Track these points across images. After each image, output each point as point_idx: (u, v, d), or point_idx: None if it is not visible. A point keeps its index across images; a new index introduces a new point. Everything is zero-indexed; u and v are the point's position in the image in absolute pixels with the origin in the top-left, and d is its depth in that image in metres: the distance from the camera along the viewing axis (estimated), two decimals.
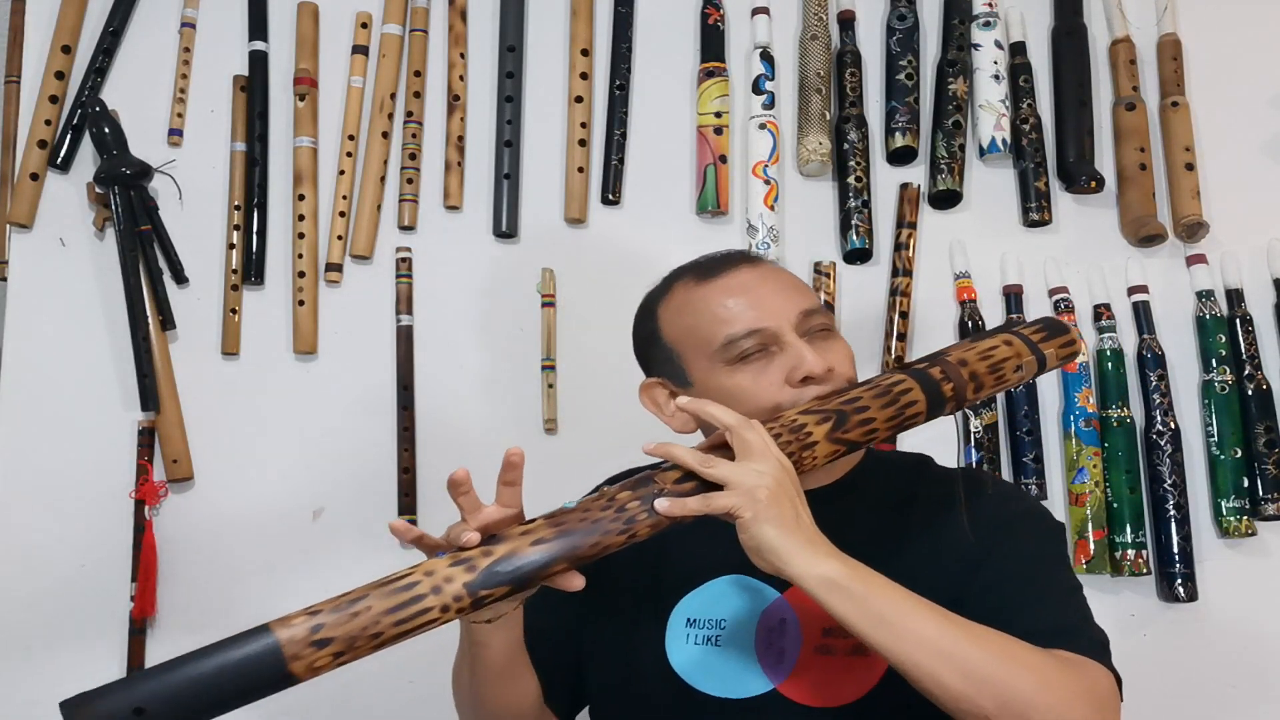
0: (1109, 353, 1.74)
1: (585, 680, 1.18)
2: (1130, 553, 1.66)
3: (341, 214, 1.73)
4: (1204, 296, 1.77)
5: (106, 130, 1.67)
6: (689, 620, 1.10)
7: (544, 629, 1.13)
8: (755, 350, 1.07)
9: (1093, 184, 1.79)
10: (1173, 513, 1.68)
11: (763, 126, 1.77)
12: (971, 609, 0.95)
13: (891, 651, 0.90)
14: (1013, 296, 1.76)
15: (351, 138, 1.76)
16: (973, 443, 1.69)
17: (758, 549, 0.92)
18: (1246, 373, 1.74)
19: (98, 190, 1.69)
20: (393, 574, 0.87)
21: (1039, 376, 1.11)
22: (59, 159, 1.72)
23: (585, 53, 1.80)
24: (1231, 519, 1.69)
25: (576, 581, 0.92)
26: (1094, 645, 1.00)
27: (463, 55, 1.80)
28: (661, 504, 0.92)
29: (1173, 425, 1.71)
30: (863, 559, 0.94)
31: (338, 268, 1.72)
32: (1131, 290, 1.78)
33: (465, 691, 1.12)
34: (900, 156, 1.80)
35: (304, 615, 0.84)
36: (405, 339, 1.71)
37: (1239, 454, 1.71)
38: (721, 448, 0.98)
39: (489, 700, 1.11)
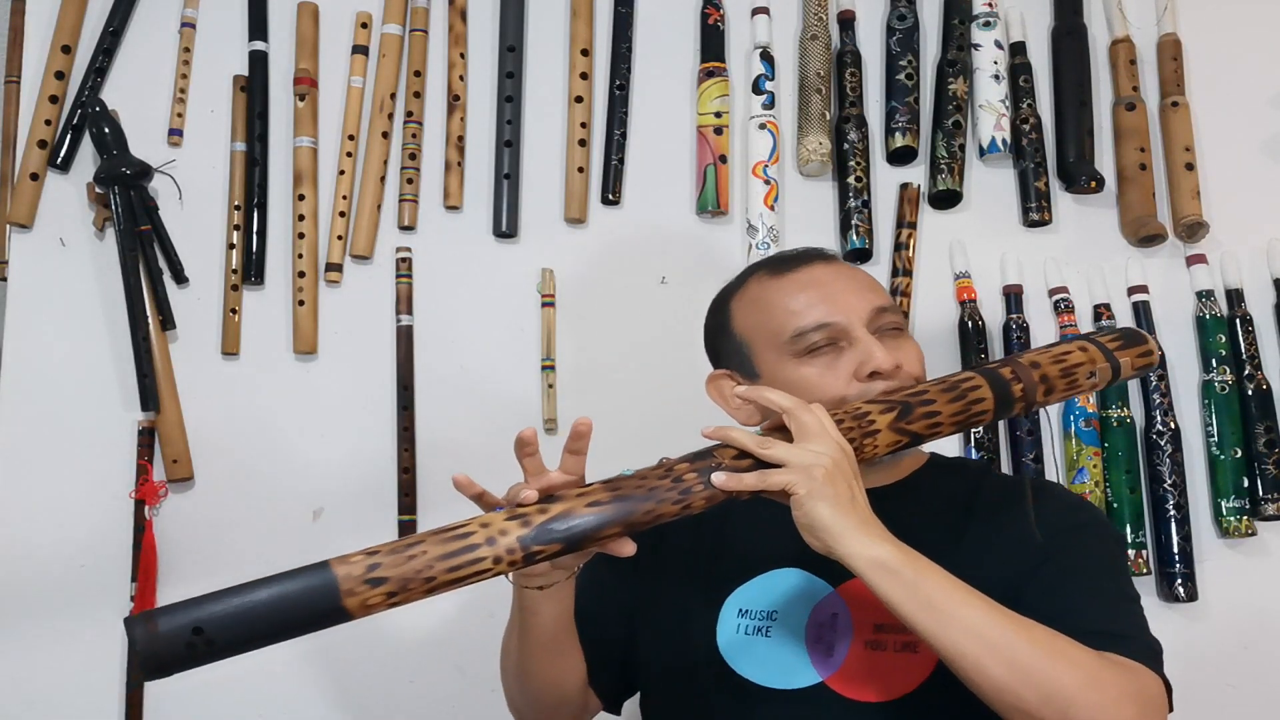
0: None
1: (634, 665, 1.19)
2: (1130, 553, 1.66)
3: (341, 214, 1.73)
4: (1204, 296, 1.77)
5: (106, 130, 1.67)
6: (741, 610, 1.11)
7: (594, 611, 1.15)
8: (824, 344, 1.09)
9: (1093, 184, 1.79)
10: (1173, 513, 1.68)
11: (763, 126, 1.77)
12: (1027, 607, 0.95)
13: (937, 638, 0.90)
14: (1013, 296, 1.76)
15: (351, 138, 1.76)
16: (973, 443, 1.69)
17: (811, 526, 0.92)
18: (1246, 373, 1.74)
19: (98, 190, 1.69)
20: (451, 524, 0.89)
21: (1114, 384, 1.11)
22: (59, 159, 1.72)
23: (585, 53, 1.80)
24: (1231, 519, 1.69)
25: (628, 548, 0.93)
26: (1147, 652, 0.99)
27: (463, 55, 1.80)
28: (718, 477, 0.92)
29: (1173, 425, 1.71)
30: (917, 549, 0.94)
31: (338, 268, 1.72)
32: (1131, 290, 1.78)
33: (513, 662, 1.14)
34: (900, 156, 1.80)
35: (362, 555, 0.86)
36: (405, 339, 1.71)
37: (1239, 454, 1.71)
38: (780, 430, 0.98)
39: (535, 673, 1.12)
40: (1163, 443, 1.70)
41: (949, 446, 1.72)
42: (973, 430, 1.69)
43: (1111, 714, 0.89)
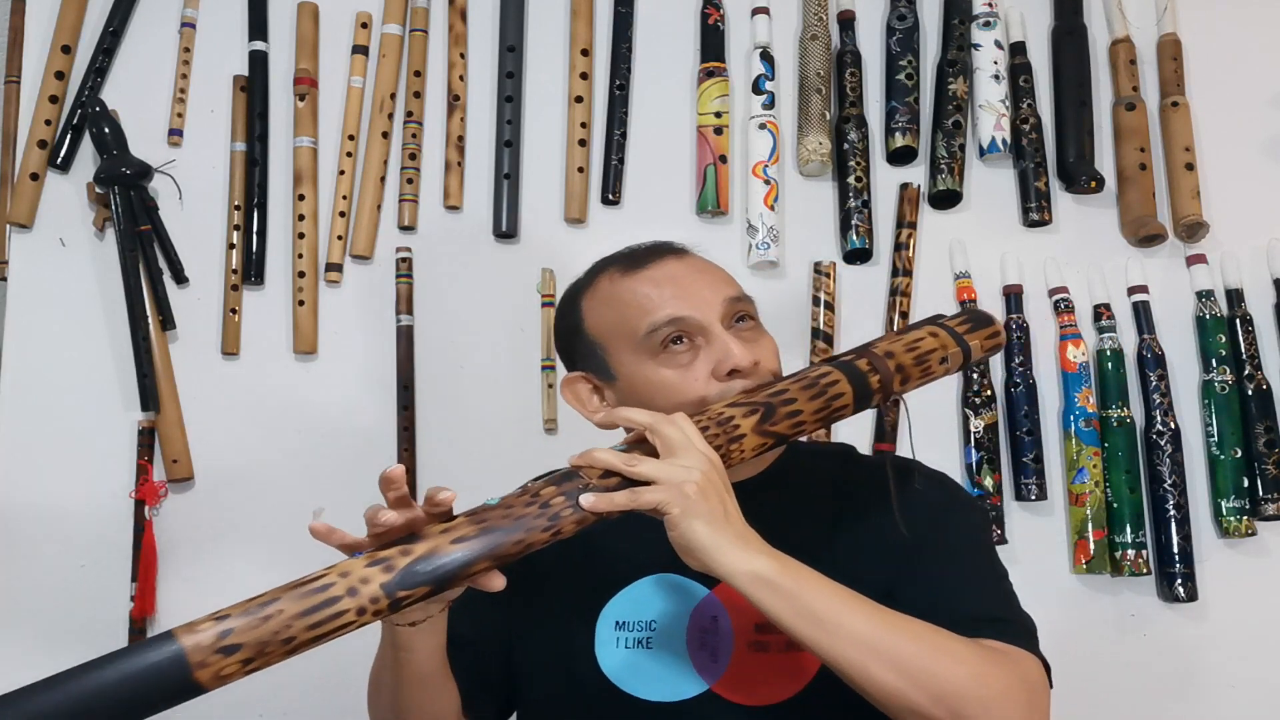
0: (1109, 353, 1.74)
1: (513, 691, 1.15)
2: (1130, 553, 1.66)
3: (341, 214, 1.73)
4: (1204, 296, 1.77)
5: (106, 130, 1.67)
6: (618, 623, 1.08)
7: (468, 637, 1.10)
8: (678, 338, 1.06)
9: (1093, 184, 1.79)
10: (1173, 513, 1.68)
11: (763, 126, 1.77)
12: (902, 598, 0.95)
13: (823, 648, 0.89)
14: (1013, 296, 1.76)
15: (351, 138, 1.76)
16: (973, 443, 1.69)
17: (687, 547, 0.90)
18: (1246, 373, 1.74)
19: (98, 190, 1.69)
20: (307, 575, 0.83)
21: (964, 369, 1.10)
22: (59, 159, 1.72)
23: (585, 53, 1.80)
24: (1231, 519, 1.69)
25: (498, 582, 0.89)
26: (1023, 633, 1.00)
27: (463, 55, 1.80)
28: (587, 500, 0.89)
29: (1173, 425, 1.71)
30: (793, 551, 0.93)
31: (338, 268, 1.72)
32: (1131, 290, 1.78)
33: (385, 700, 1.08)
34: (900, 156, 1.80)
35: (211, 620, 0.79)
36: (405, 339, 1.71)
37: (1239, 454, 1.71)
38: (644, 442, 0.95)
39: (408, 709, 1.06)
40: (1163, 443, 1.70)
41: (947, 447, 1.72)
42: (972, 431, 1.69)
43: (1000, 705, 0.90)
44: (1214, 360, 1.74)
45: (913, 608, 0.94)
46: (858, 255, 1.76)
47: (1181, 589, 1.66)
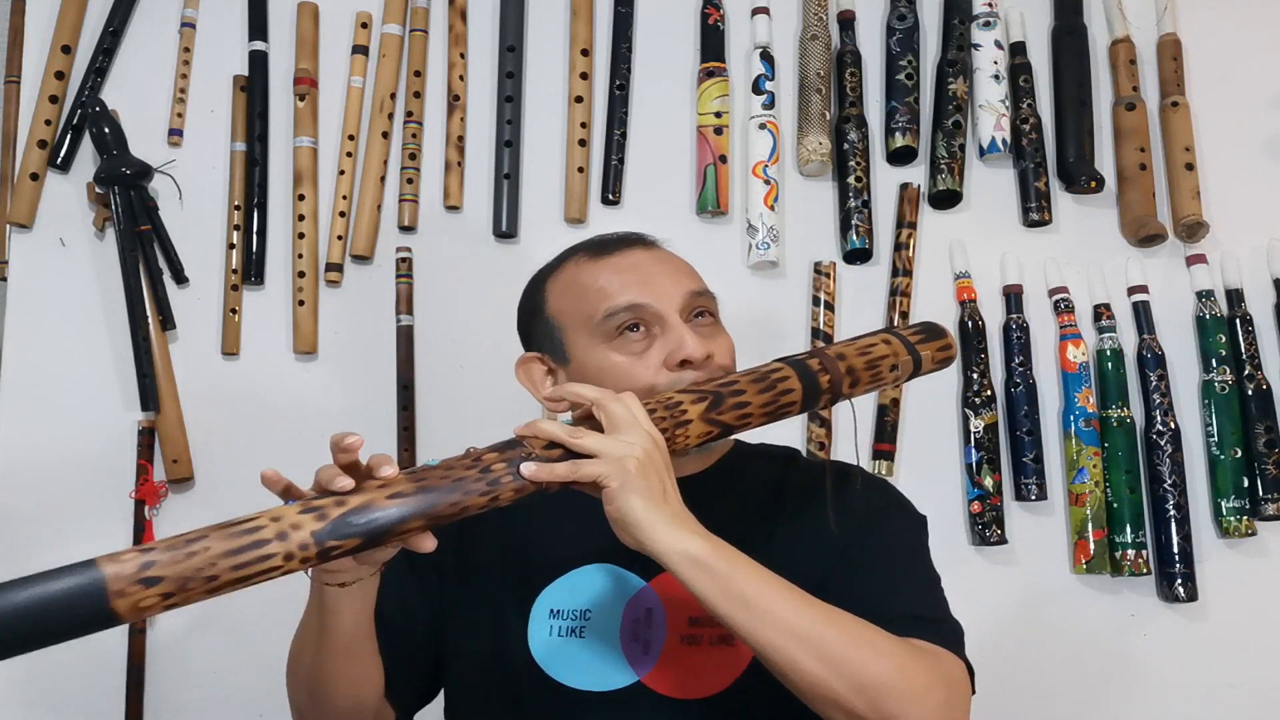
0: (1109, 353, 1.74)
1: (441, 674, 1.15)
2: (1130, 553, 1.66)
3: (341, 214, 1.73)
4: (1204, 296, 1.77)
5: (106, 130, 1.67)
6: (552, 611, 1.08)
7: (396, 616, 1.09)
8: (633, 325, 1.06)
9: (1093, 184, 1.79)
10: (1173, 513, 1.68)
11: (763, 126, 1.77)
12: (833, 595, 0.95)
13: (749, 632, 0.89)
14: (1013, 296, 1.76)
15: (351, 138, 1.75)
16: (973, 443, 1.69)
17: (622, 521, 0.90)
18: (1246, 373, 1.74)
19: (98, 190, 1.69)
20: (238, 518, 0.82)
21: (914, 378, 1.11)
22: (59, 159, 1.72)
23: (585, 53, 1.80)
24: (1231, 519, 1.69)
25: (428, 543, 0.88)
26: (950, 636, 1.00)
27: (463, 55, 1.80)
28: (528, 468, 0.89)
29: (1173, 425, 1.71)
30: (730, 542, 0.93)
31: (338, 268, 1.72)
32: (1131, 290, 1.78)
33: (305, 666, 1.06)
34: (900, 156, 1.80)
35: (136, 551, 0.78)
36: (405, 339, 1.71)
37: (1239, 454, 1.71)
38: (590, 419, 0.96)
39: (330, 679, 1.05)
40: (1163, 443, 1.70)
41: (947, 447, 1.72)
42: (972, 431, 1.69)
43: (921, 701, 0.90)
44: (1214, 360, 1.74)
45: (843, 603, 0.94)
46: (858, 255, 1.76)
47: (1181, 589, 1.66)
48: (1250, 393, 1.73)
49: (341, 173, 1.75)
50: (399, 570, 0.98)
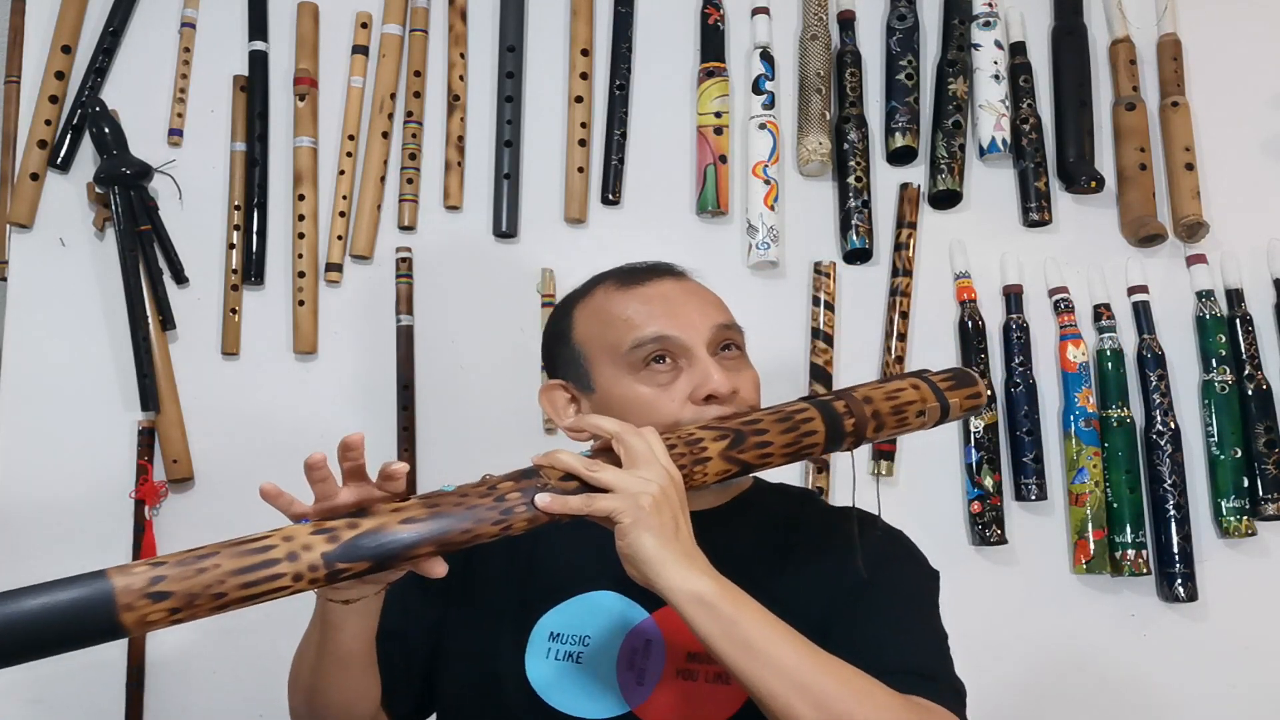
0: (1109, 353, 1.74)
1: (435, 689, 1.14)
2: (1130, 553, 1.66)
3: (341, 214, 1.73)
4: (1204, 296, 1.77)
5: (106, 130, 1.67)
6: (552, 634, 1.08)
7: (398, 629, 1.09)
8: (660, 357, 1.06)
9: (1093, 184, 1.79)
10: (1173, 513, 1.68)
11: (763, 126, 1.77)
12: (838, 640, 0.95)
13: (749, 676, 0.88)
14: (1013, 296, 1.76)
15: (351, 138, 1.75)
16: (973, 443, 1.69)
17: (633, 558, 0.89)
18: (1246, 373, 1.74)
19: (98, 190, 1.69)
20: (250, 535, 0.83)
21: (941, 425, 1.09)
22: (59, 159, 1.72)
23: (585, 53, 1.80)
24: (1231, 519, 1.69)
25: (439, 569, 0.88)
26: (951, 694, 0.99)
27: (463, 55, 1.80)
28: (543, 499, 0.89)
29: (1173, 425, 1.71)
30: (740, 579, 0.92)
31: (338, 268, 1.72)
32: (1131, 290, 1.78)
33: (304, 678, 1.07)
34: (900, 156, 1.80)
35: (146, 565, 0.78)
36: (405, 339, 1.71)
37: (1239, 454, 1.71)
38: (609, 451, 0.95)
39: (326, 691, 1.05)
40: (1163, 443, 1.70)
41: (947, 447, 1.72)
42: (972, 431, 1.69)
43: None
44: (1214, 360, 1.74)
45: (846, 649, 0.93)
46: (858, 255, 1.76)
47: (1181, 589, 1.66)
48: (1250, 393, 1.73)
49: (341, 173, 1.75)
50: (404, 581, 0.98)
